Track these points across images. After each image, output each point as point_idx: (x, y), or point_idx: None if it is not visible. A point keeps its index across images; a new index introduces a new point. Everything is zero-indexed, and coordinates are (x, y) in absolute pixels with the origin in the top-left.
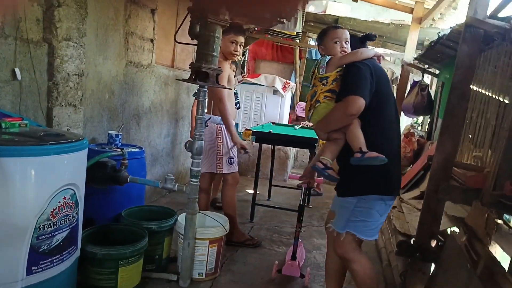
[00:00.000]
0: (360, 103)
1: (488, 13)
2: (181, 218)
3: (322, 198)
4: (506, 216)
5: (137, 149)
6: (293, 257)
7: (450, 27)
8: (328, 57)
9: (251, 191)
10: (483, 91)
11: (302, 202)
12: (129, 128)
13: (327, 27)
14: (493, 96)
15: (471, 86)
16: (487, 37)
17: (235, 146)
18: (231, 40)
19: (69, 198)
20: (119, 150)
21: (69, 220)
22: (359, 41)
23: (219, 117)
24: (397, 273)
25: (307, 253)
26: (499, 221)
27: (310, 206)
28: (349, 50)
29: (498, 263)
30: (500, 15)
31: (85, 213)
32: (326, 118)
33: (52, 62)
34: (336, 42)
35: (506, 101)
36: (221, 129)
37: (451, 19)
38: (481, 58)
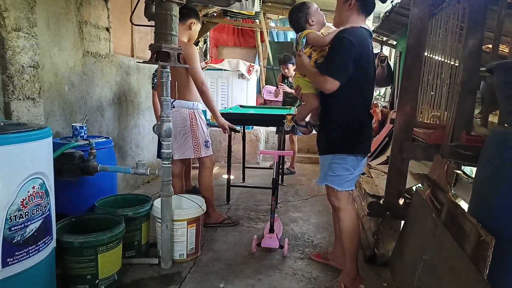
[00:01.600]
0: (334, 86)
1: None
2: (157, 202)
3: (295, 175)
4: (465, 168)
5: (104, 139)
6: (271, 230)
7: None
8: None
9: (226, 176)
10: (436, 57)
11: (275, 175)
12: (94, 120)
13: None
14: (446, 60)
15: (425, 53)
16: (436, 0)
17: (209, 130)
18: (191, 22)
19: (38, 188)
20: (86, 141)
21: (41, 210)
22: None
23: (191, 102)
24: (370, 234)
25: (284, 226)
26: (459, 172)
27: (285, 184)
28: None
29: (459, 206)
30: None
31: (57, 208)
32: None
33: (4, 54)
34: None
35: (457, 64)
36: (194, 113)
37: None
38: (432, 22)
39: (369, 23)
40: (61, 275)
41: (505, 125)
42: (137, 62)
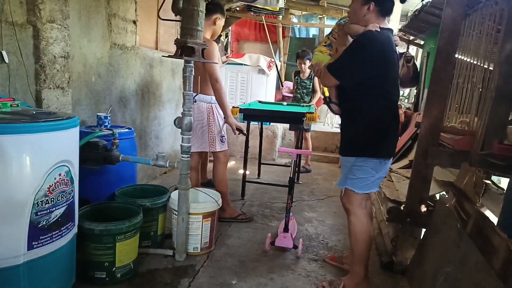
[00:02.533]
0: (331, 83)
1: None
2: (174, 195)
3: (311, 174)
4: (494, 178)
5: (126, 130)
6: (286, 229)
7: None
8: (343, 20)
9: (242, 171)
10: (469, 59)
11: (292, 175)
12: (117, 110)
13: None
14: (479, 63)
15: (457, 55)
16: (471, 0)
17: (226, 125)
18: (216, 17)
19: (64, 175)
20: (109, 130)
21: (65, 197)
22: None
23: (209, 96)
24: (388, 240)
25: (299, 226)
26: (488, 182)
27: (300, 182)
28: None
29: (487, 218)
30: None
31: (79, 194)
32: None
33: (38, 45)
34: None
35: (491, 68)
36: (212, 108)
37: None
38: (466, 22)
39: (395, 23)
40: (80, 260)
41: None
42: (162, 56)
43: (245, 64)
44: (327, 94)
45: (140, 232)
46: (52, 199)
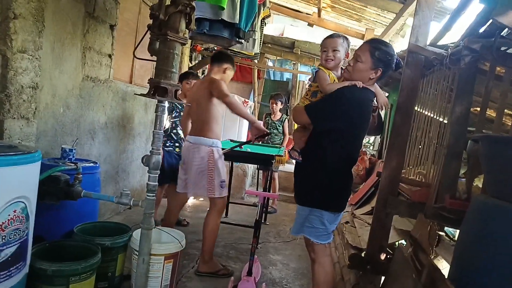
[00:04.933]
0: (303, 119)
1: (428, 41)
2: (136, 234)
3: (278, 215)
4: (448, 229)
5: (91, 164)
6: (249, 273)
7: (396, 53)
8: (313, 69)
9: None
10: (426, 112)
11: (258, 217)
12: (84, 143)
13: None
14: (435, 117)
15: (415, 108)
16: (428, 63)
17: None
18: (226, 67)
19: (19, 212)
20: (73, 164)
21: (18, 235)
22: (394, 68)
23: (211, 140)
24: (349, 287)
25: (263, 269)
26: (441, 233)
27: (267, 223)
28: (338, 58)
29: (439, 270)
30: (440, 43)
31: (34, 230)
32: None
33: (6, 74)
34: (324, 51)
35: (445, 121)
36: (212, 151)
37: (400, 45)
38: (423, 81)
39: None
40: None
41: (488, 194)
42: (134, 94)
43: None
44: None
45: (97, 273)
46: (4, 237)
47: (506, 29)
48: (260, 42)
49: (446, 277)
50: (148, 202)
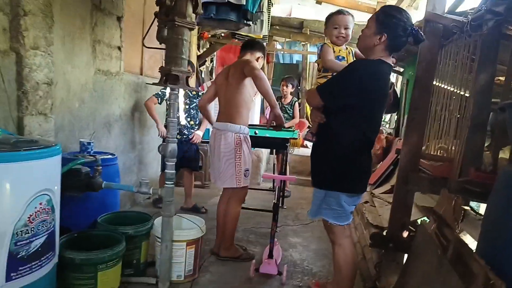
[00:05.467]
0: (315, 101)
1: (446, 9)
2: (158, 222)
3: (295, 198)
4: (472, 204)
5: (110, 156)
6: (270, 256)
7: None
8: (319, 44)
9: None
10: (446, 86)
11: (276, 201)
12: (101, 136)
13: (331, 13)
14: (455, 90)
15: (434, 82)
16: (446, 32)
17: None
18: (259, 56)
19: (45, 204)
20: (92, 157)
21: (46, 226)
22: (403, 28)
23: (238, 126)
24: (372, 265)
25: (283, 252)
26: (466, 208)
27: (285, 207)
28: (348, 36)
29: (466, 245)
30: (458, 10)
31: (61, 222)
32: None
33: (21, 71)
34: (335, 28)
35: (467, 95)
36: (240, 138)
37: (413, 19)
38: (442, 53)
39: None
40: None
41: None
42: (146, 83)
43: None
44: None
45: (122, 260)
46: (32, 229)
47: None
48: (268, 24)
49: (473, 250)
50: (167, 190)
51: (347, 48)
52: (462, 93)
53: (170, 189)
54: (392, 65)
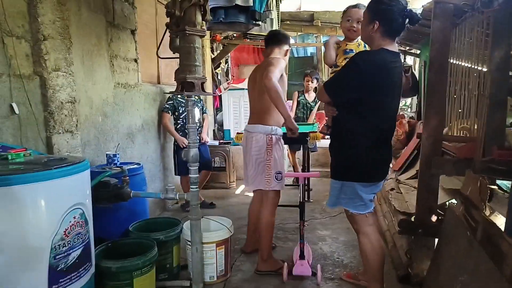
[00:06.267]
0: (324, 98)
1: None
2: (187, 225)
3: (321, 191)
4: (501, 182)
5: (135, 166)
6: (302, 257)
7: (422, 6)
8: (324, 40)
9: (251, 194)
10: (463, 64)
11: (302, 199)
12: (125, 147)
13: (348, 6)
14: (473, 66)
15: (450, 60)
16: (458, 11)
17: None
18: (287, 49)
19: (78, 217)
20: (119, 168)
21: (81, 238)
22: (398, 11)
23: (269, 127)
24: (402, 252)
25: (312, 245)
26: (494, 187)
27: (311, 201)
28: (359, 29)
29: (494, 225)
30: None
31: (94, 233)
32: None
33: (45, 93)
34: (348, 20)
35: (485, 70)
36: (272, 140)
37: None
38: (456, 31)
39: None
40: None
41: None
42: (164, 93)
43: (246, 89)
44: None
45: (156, 265)
46: (69, 242)
47: None
48: (278, 21)
49: (501, 230)
50: (193, 194)
51: (357, 41)
52: (480, 69)
53: (195, 193)
54: (397, 51)
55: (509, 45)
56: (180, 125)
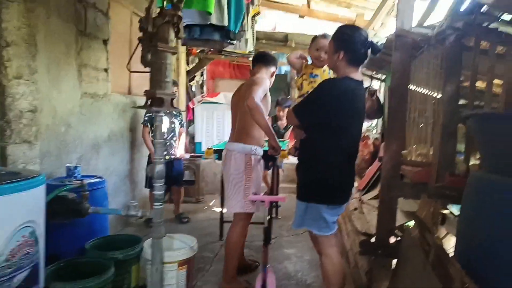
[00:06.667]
0: (293, 121)
1: (416, 22)
2: (147, 244)
3: (290, 208)
4: (451, 206)
5: (97, 179)
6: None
7: (386, 37)
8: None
9: (218, 209)
10: (421, 90)
11: (267, 223)
12: (89, 158)
13: (316, 35)
14: (430, 93)
15: (410, 87)
16: (416, 44)
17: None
18: (274, 71)
19: (28, 236)
20: (79, 182)
21: (29, 259)
22: (361, 42)
23: (249, 146)
24: (363, 273)
25: (277, 264)
26: (446, 211)
27: (279, 218)
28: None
29: (444, 250)
30: (427, 23)
31: (48, 250)
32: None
33: (3, 101)
34: (316, 50)
35: (439, 96)
36: (251, 160)
37: (392, 25)
38: (415, 62)
39: None
40: None
41: (484, 169)
42: (132, 107)
43: (220, 103)
44: None
45: (112, 286)
46: (15, 263)
47: (486, 6)
48: (253, 40)
49: (450, 255)
50: (156, 211)
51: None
52: (436, 97)
53: (159, 210)
54: (360, 79)
55: (458, 79)
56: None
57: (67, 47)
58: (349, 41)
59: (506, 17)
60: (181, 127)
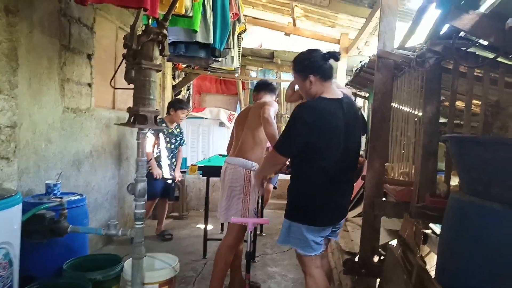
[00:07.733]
0: (280, 160)
1: (398, 44)
2: (128, 264)
3: (276, 224)
4: (432, 225)
5: (77, 197)
6: None
7: (369, 57)
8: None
9: (202, 226)
10: (403, 108)
11: (250, 248)
12: (69, 175)
13: None
14: (412, 112)
15: (393, 105)
16: (398, 65)
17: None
18: (276, 99)
19: (2, 258)
20: (58, 200)
21: (2, 282)
22: (321, 58)
23: (250, 162)
24: None
25: (262, 283)
26: (428, 231)
27: (264, 235)
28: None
29: (425, 270)
30: (408, 44)
31: (24, 270)
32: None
33: None
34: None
35: (420, 114)
36: (250, 175)
37: (376, 44)
38: (397, 82)
39: (342, 78)
40: None
41: (463, 191)
42: (114, 124)
43: (205, 118)
44: None
45: None
46: None
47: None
48: (239, 57)
49: (432, 276)
50: (137, 230)
51: None
52: (417, 116)
53: (139, 230)
54: (336, 97)
55: (438, 101)
56: (157, 155)
57: (49, 61)
58: (311, 62)
59: (483, 41)
60: (179, 145)
